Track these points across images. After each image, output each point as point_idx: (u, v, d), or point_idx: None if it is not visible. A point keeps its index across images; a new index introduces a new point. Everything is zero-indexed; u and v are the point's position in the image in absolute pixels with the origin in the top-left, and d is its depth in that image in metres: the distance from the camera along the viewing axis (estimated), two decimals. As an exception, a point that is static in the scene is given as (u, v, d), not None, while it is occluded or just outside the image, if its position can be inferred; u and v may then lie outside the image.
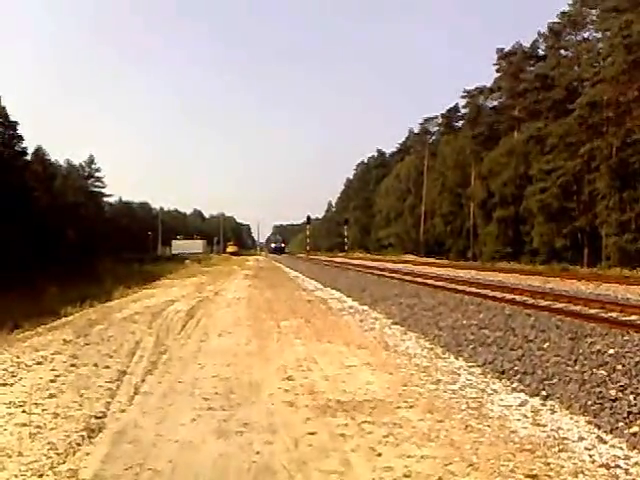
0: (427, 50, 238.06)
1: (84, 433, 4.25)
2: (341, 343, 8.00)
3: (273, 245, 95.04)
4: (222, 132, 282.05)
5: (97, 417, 4.64)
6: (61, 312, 12.19)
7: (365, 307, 12.54)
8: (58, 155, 70.26)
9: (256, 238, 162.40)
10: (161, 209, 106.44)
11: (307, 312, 11.56)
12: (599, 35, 38.63)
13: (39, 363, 6.70)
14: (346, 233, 72.26)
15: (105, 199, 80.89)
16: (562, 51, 44.08)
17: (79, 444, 4.04)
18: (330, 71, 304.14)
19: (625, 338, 6.29)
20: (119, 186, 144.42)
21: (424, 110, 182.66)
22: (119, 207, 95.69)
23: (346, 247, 70.15)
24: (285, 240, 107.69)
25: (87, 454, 3.87)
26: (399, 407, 4.93)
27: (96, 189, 76.48)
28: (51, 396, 5.25)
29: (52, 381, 5.81)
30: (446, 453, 3.86)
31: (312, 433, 4.26)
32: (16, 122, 49.54)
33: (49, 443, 4.06)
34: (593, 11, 39.24)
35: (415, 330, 9.20)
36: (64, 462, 3.73)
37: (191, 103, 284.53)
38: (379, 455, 3.83)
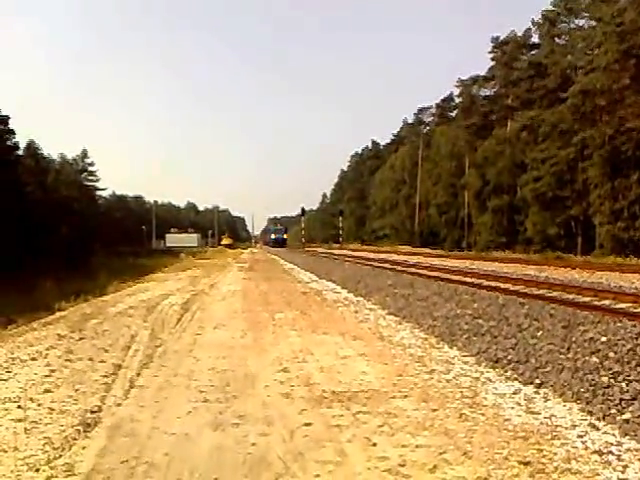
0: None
1: (80, 427, 4.25)
2: (336, 334, 8.02)
3: (273, 236, 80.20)
4: (215, 126, 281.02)
5: (93, 411, 4.64)
6: (55, 307, 12.15)
7: (360, 298, 12.57)
8: (51, 149, 69.80)
9: (251, 231, 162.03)
10: (155, 203, 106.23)
11: (302, 304, 11.58)
12: (593, 23, 38.49)
13: (34, 358, 6.68)
14: (341, 225, 72.03)
15: (99, 193, 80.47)
16: (556, 39, 43.97)
17: (75, 438, 4.05)
18: (326, 65, 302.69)
19: (618, 325, 6.33)
20: (113, 180, 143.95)
21: (419, 101, 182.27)
22: (113, 201, 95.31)
23: (341, 239, 70.01)
24: (287, 230, 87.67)
25: (83, 448, 3.88)
26: (394, 397, 4.95)
27: (90, 183, 76.13)
28: (46, 391, 5.25)
29: (47, 376, 5.80)
30: (441, 442, 3.89)
31: (308, 424, 4.28)
32: (7, 116, 49.03)
33: (45, 438, 4.06)
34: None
35: (410, 320, 9.24)
36: (60, 456, 3.74)
37: (187, 97, 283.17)
38: (374, 445, 3.85)
